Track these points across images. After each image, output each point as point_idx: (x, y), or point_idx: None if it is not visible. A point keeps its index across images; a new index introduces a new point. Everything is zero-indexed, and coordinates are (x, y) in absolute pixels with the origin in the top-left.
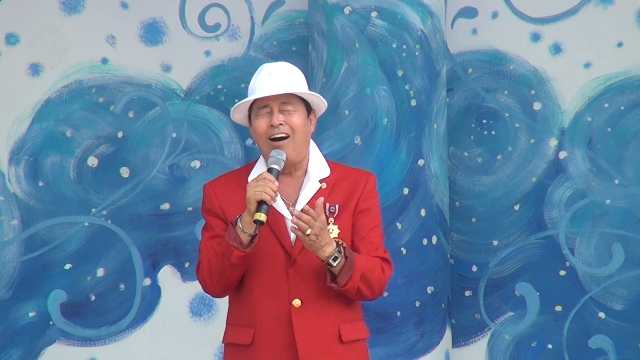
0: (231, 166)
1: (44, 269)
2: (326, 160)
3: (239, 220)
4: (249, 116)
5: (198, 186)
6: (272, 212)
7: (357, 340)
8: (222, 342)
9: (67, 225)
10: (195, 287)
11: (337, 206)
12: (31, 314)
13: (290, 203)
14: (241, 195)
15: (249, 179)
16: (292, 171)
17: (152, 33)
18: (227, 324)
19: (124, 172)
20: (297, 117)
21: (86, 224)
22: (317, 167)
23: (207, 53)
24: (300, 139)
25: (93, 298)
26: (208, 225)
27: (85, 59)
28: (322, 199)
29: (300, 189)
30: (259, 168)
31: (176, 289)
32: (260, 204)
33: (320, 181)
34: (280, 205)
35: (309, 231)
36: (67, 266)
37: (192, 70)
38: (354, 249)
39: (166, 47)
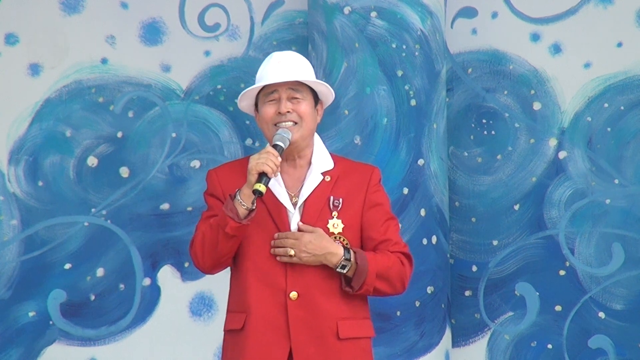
0: None
1: (44, 269)
2: (330, 154)
3: (238, 193)
4: (256, 104)
5: (198, 186)
6: (275, 203)
7: (358, 338)
8: (223, 330)
9: (67, 225)
10: (195, 287)
11: (340, 200)
12: (31, 314)
13: (294, 194)
14: (243, 182)
15: None
16: (295, 158)
17: (152, 33)
18: (227, 311)
19: (124, 172)
20: (305, 105)
21: (86, 224)
22: (321, 159)
23: (207, 53)
24: (308, 126)
25: (93, 298)
26: (208, 207)
27: (85, 59)
28: (301, 223)
29: (303, 180)
30: None
31: (176, 289)
32: (261, 175)
33: (324, 174)
34: (283, 196)
35: (291, 252)
36: (67, 266)
37: (191, 70)
38: (371, 245)
39: (166, 47)
